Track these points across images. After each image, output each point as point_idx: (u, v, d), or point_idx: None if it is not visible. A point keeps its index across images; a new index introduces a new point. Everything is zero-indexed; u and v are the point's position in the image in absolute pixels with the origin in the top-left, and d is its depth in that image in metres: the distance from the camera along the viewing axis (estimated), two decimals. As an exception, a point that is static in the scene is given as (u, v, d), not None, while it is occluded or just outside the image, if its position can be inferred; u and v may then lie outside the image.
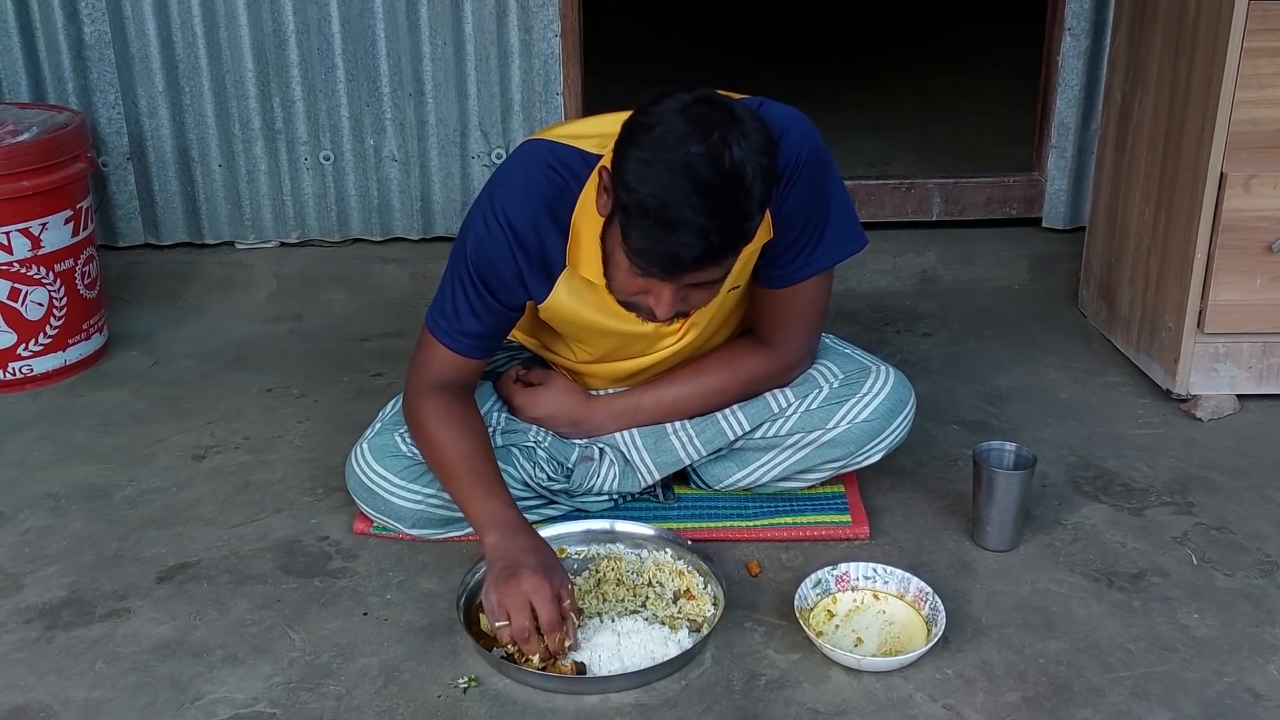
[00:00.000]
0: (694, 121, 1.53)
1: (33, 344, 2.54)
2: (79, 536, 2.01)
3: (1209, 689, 1.64)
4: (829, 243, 1.85)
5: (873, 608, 1.79)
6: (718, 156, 1.51)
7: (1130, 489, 2.13)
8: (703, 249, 1.54)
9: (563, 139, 1.80)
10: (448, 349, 1.86)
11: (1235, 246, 2.26)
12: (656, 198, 1.52)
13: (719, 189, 1.52)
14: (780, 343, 1.96)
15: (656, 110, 1.57)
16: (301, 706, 1.62)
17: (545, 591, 1.63)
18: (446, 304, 1.85)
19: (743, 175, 1.53)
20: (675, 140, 1.52)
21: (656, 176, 1.52)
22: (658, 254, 1.56)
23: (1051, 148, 3.16)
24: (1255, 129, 2.19)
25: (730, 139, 1.52)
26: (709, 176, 1.51)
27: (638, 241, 1.57)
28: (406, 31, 3.00)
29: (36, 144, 2.48)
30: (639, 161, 1.54)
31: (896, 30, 5.99)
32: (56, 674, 1.69)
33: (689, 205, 1.51)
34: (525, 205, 1.77)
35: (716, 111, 1.55)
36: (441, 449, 1.82)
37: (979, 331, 2.81)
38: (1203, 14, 2.23)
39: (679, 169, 1.51)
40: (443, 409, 1.85)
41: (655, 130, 1.54)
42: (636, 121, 1.58)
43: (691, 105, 1.55)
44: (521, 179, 1.79)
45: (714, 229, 1.53)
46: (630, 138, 1.57)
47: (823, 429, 1.97)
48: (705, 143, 1.51)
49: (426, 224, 3.19)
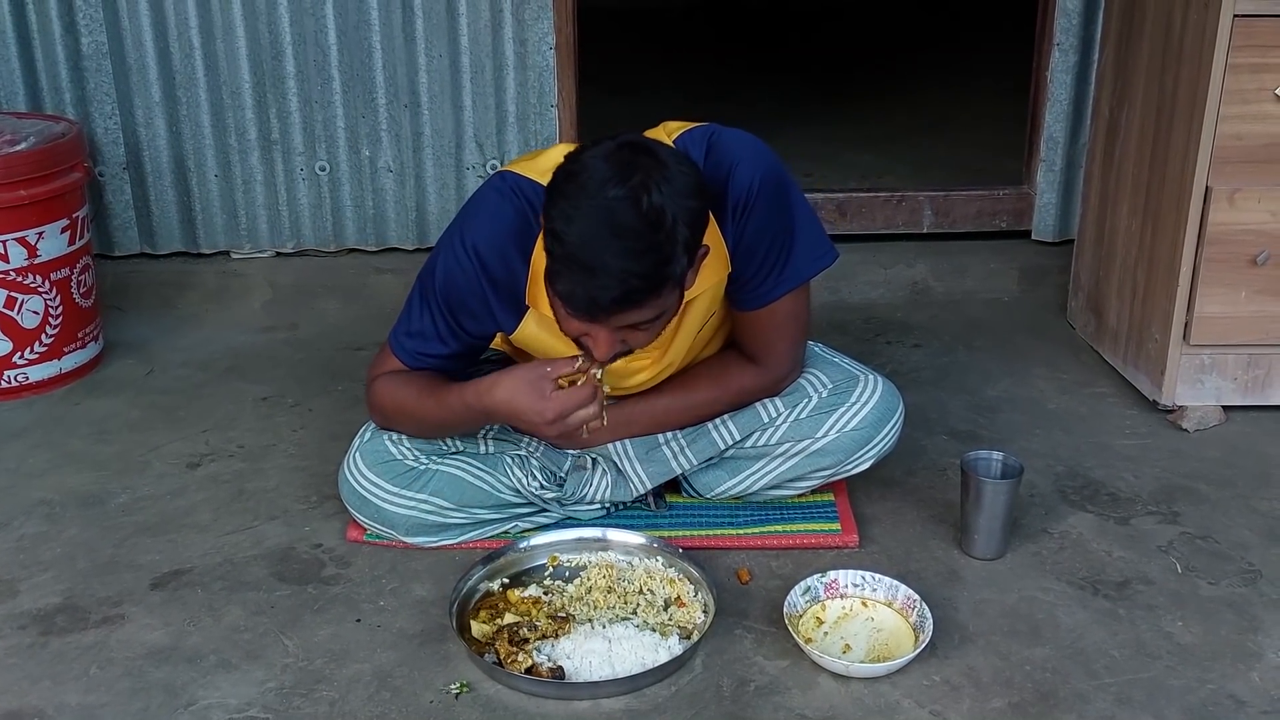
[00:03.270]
0: (616, 166, 1.56)
1: (28, 352, 2.56)
2: (74, 543, 2.03)
3: (1192, 695, 1.65)
4: (797, 260, 1.87)
5: (861, 615, 1.81)
6: (636, 199, 1.54)
7: (1116, 498, 2.15)
8: (620, 291, 1.57)
9: (530, 174, 1.82)
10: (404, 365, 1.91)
11: (1221, 259, 2.28)
12: (578, 243, 1.55)
13: (638, 232, 1.55)
14: (765, 359, 1.98)
15: (582, 158, 1.60)
16: (295, 712, 1.63)
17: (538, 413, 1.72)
18: (413, 325, 1.89)
19: (662, 218, 1.55)
20: (596, 185, 1.55)
21: (576, 222, 1.55)
22: (579, 297, 1.59)
23: (1041, 161, 3.19)
24: (1240, 143, 2.22)
25: (651, 183, 1.55)
26: (627, 220, 1.54)
27: (561, 285, 1.60)
28: (402, 43, 3.02)
29: (33, 153, 2.49)
30: (563, 208, 1.58)
31: (889, 45, 6.02)
32: (51, 679, 1.70)
33: (609, 250, 1.54)
34: (493, 238, 1.79)
35: (639, 156, 1.58)
36: (403, 400, 1.89)
37: (969, 342, 2.83)
38: (1188, 30, 2.26)
39: (598, 213, 1.54)
40: (391, 379, 1.92)
41: (579, 177, 1.58)
42: (564, 169, 1.61)
43: (615, 151, 1.58)
44: (491, 212, 1.81)
45: (635, 272, 1.56)
46: (557, 185, 1.61)
47: (812, 438, 1.99)
48: (624, 186, 1.54)
49: (421, 234, 3.20)
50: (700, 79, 5.26)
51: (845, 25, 6.47)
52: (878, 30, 6.33)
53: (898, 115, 4.56)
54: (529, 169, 1.83)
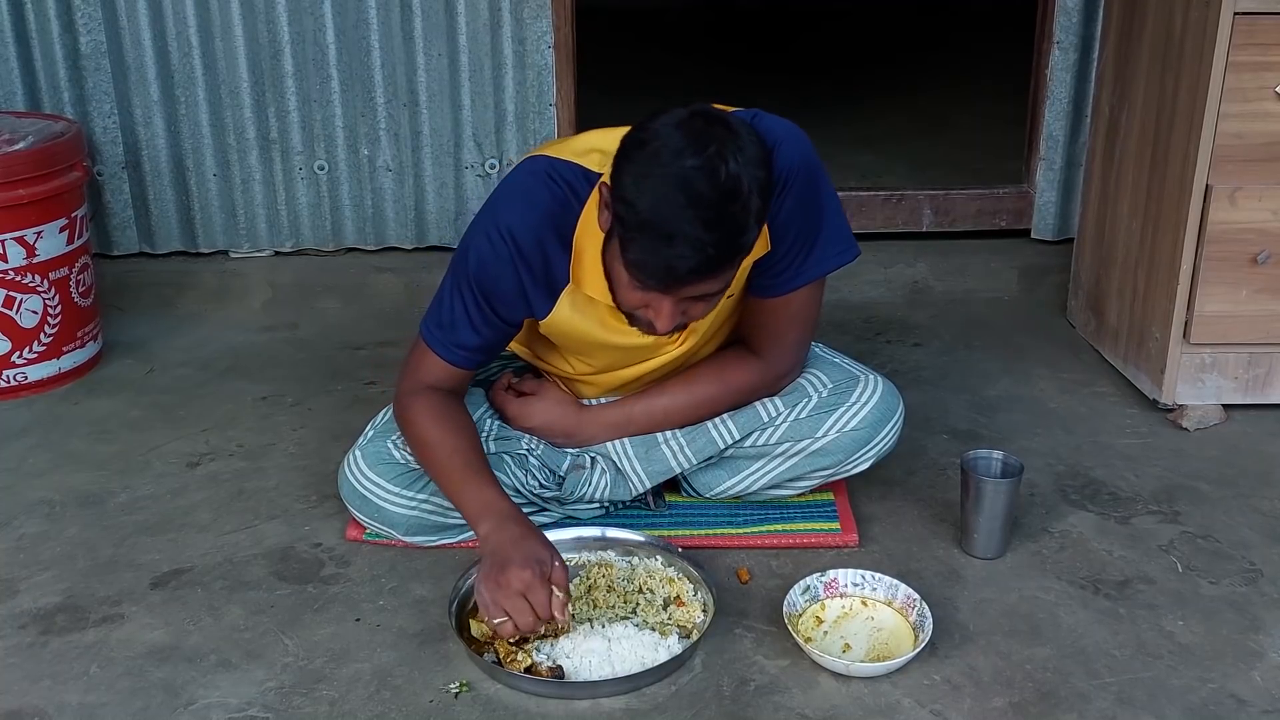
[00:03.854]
0: (690, 136, 1.55)
1: (27, 351, 2.55)
2: (74, 543, 2.02)
3: (1193, 695, 1.65)
4: (821, 252, 1.86)
5: (861, 614, 1.81)
6: (714, 169, 1.53)
7: (1117, 498, 2.15)
8: (699, 261, 1.56)
9: (564, 155, 1.81)
10: (442, 359, 1.87)
11: (1221, 258, 2.28)
12: (653, 211, 1.54)
13: (715, 202, 1.54)
14: (770, 351, 1.98)
15: (653, 126, 1.59)
16: (295, 711, 1.63)
17: (538, 586, 1.64)
18: (444, 315, 1.85)
19: (739, 188, 1.54)
20: (671, 154, 1.54)
21: (653, 190, 1.54)
22: (654, 266, 1.58)
23: (1041, 160, 3.18)
24: (1240, 142, 2.22)
25: (726, 152, 1.54)
26: (705, 189, 1.53)
27: (635, 255, 1.59)
28: (401, 42, 3.02)
29: (32, 153, 2.49)
30: (636, 176, 1.56)
31: (890, 44, 6.02)
32: (51, 679, 1.70)
33: (685, 218, 1.53)
34: (529, 221, 1.78)
35: (713, 126, 1.57)
36: (433, 446, 1.83)
37: (969, 342, 2.83)
38: (1189, 28, 2.26)
39: (675, 182, 1.53)
40: (433, 408, 1.86)
41: (651, 145, 1.56)
42: (634, 137, 1.60)
43: (688, 120, 1.57)
44: (525, 195, 1.80)
45: (710, 241, 1.55)
46: (627, 153, 1.59)
47: (812, 438, 1.99)
48: (701, 156, 1.53)
49: (420, 234, 3.20)
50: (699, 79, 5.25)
51: (844, 25, 6.47)
52: (877, 30, 6.32)
53: (897, 114, 4.56)
54: (562, 152, 1.82)
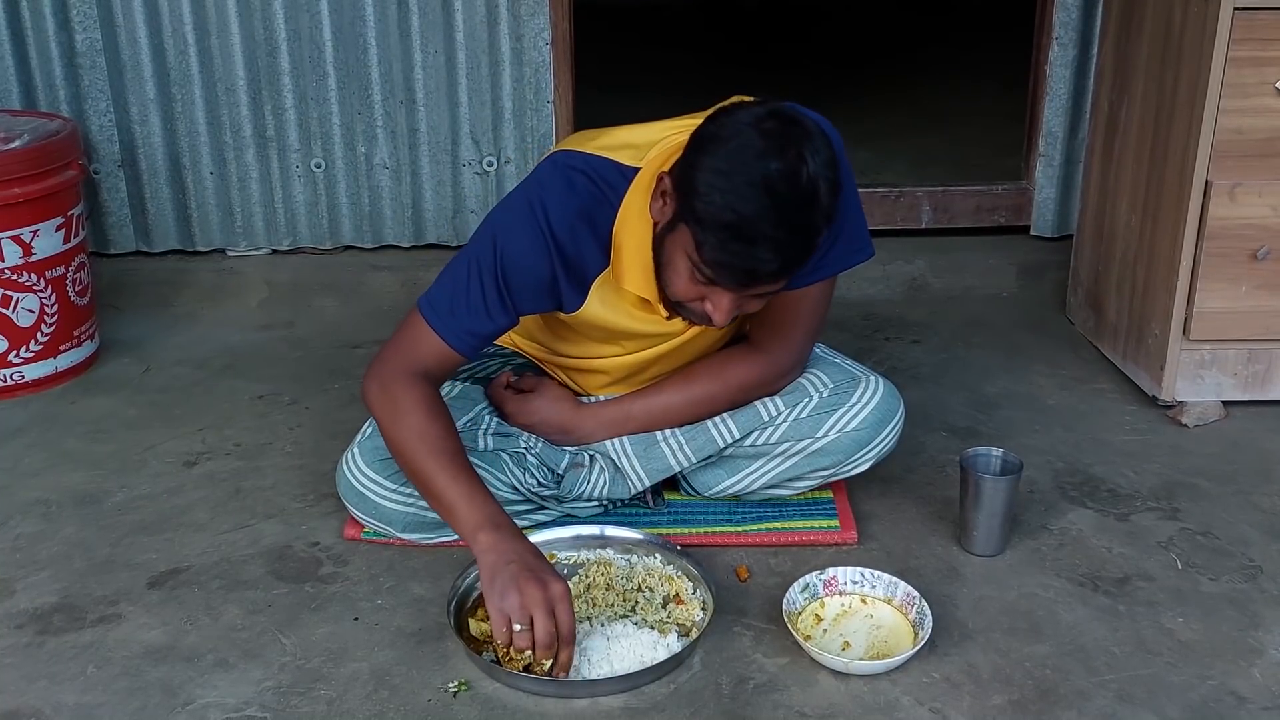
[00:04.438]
0: (770, 136, 1.55)
1: (24, 351, 2.55)
2: (70, 542, 2.02)
3: (1193, 692, 1.65)
4: (839, 250, 1.86)
5: (860, 612, 1.80)
6: (795, 172, 1.53)
7: (1116, 495, 2.14)
8: (780, 264, 1.57)
9: (597, 151, 1.80)
10: (444, 343, 1.80)
11: (1221, 254, 2.28)
12: (735, 211, 1.54)
13: (797, 205, 1.54)
14: (775, 347, 1.97)
15: (730, 122, 1.58)
16: (292, 711, 1.62)
17: (569, 600, 1.62)
18: (458, 300, 1.79)
19: (818, 191, 1.55)
20: (754, 154, 1.54)
21: (736, 190, 1.54)
22: (735, 267, 1.58)
23: (1040, 156, 3.18)
24: (1240, 138, 2.21)
25: (806, 155, 1.54)
26: (788, 193, 1.53)
27: (713, 254, 1.58)
28: (398, 39, 3.02)
29: (28, 151, 2.48)
30: (716, 173, 1.55)
31: (887, 41, 6.02)
32: (48, 679, 1.69)
33: (769, 220, 1.53)
34: (568, 214, 1.77)
35: (790, 126, 1.57)
36: (428, 441, 1.75)
37: (968, 339, 2.82)
38: (1188, 24, 2.25)
39: (758, 184, 1.53)
40: (428, 400, 1.79)
41: (731, 143, 1.56)
42: (709, 133, 1.59)
43: (766, 119, 1.57)
44: (563, 186, 1.77)
45: (789, 244, 1.56)
46: (704, 148, 1.58)
47: (812, 438, 1.98)
48: (783, 158, 1.53)
49: (418, 232, 3.20)
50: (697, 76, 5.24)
51: (843, 22, 6.46)
52: (875, 27, 6.32)
53: (896, 111, 4.55)
54: (596, 148, 1.81)
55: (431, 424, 1.77)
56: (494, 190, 3.13)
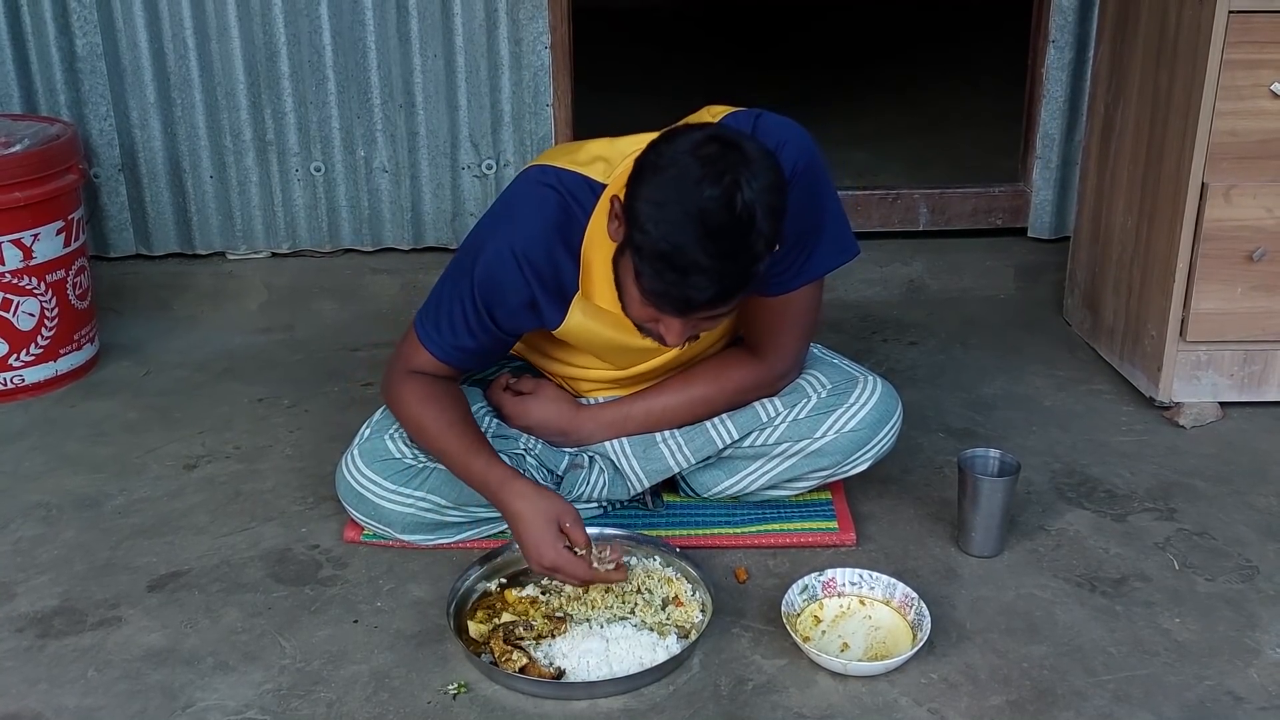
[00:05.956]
0: (706, 163, 1.54)
1: (24, 354, 2.55)
2: (70, 545, 2.02)
3: (1190, 692, 1.66)
4: (822, 252, 1.86)
5: (859, 613, 1.81)
6: (730, 200, 1.53)
7: (1113, 495, 2.15)
8: (715, 292, 1.57)
9: (568, 165, 1.81)
10: (435, 358, 1.87)
11: (1216, 256, 2.28)
12: (670, 241, 1.54)
13: (731, 232, 1.54)
14: (770, 351, 1.98)
15: (669, 150, 1.58)
16: (292, 713, 1.63)
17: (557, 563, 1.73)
18: (442, 318, 1.85)
19: (753, 217, 1.54)
20: (689, 183, 1.54)
21: (670, 220, 1.54)
22: (671, 296, 1.58)
23: (1036, 158, 3.19)
24: (1235, 140, 2.22)
25: (742, 180, 1.54)
26: (722, 220, 1.53)
27: (650, 283, 1.59)
28: (397, 43, 3.02)
29: (28, 155, 2.49)
30: (652, 204, 1.56)
31: (884, 42, 6.02)
32: (48, 682, 1.70)
33: (702, 250, 1.53)
34: (539, 235, 1.78)
35: (728, 151, 1.56)
36: (427, 424, 1.85)
37: (965, 340, 2.83)
38: (1183, 26, 2.26)
39: (692, 213, 1.53)
40: (423, 388, 1.87)
41: (669, 171, 1.56)
42: (649, 160, 1.60)
43: (703, 144, 1.57)
44: (533, 206, 1.80)
45: (726, 272, 1.56)
46: (643, 176, 1.59)
47: (810, 438, 1.99)
48: (718, 185, 1.53)
49: (417, 235, 3.20)
50: (695, 77, 5.25)
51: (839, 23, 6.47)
52: (872, 28, 6.32)
53: (893, 113, 4.56)
54: (569, 163, 1.82)
55: (425, 409, 1.86)
56: (493, 193, 3.14)
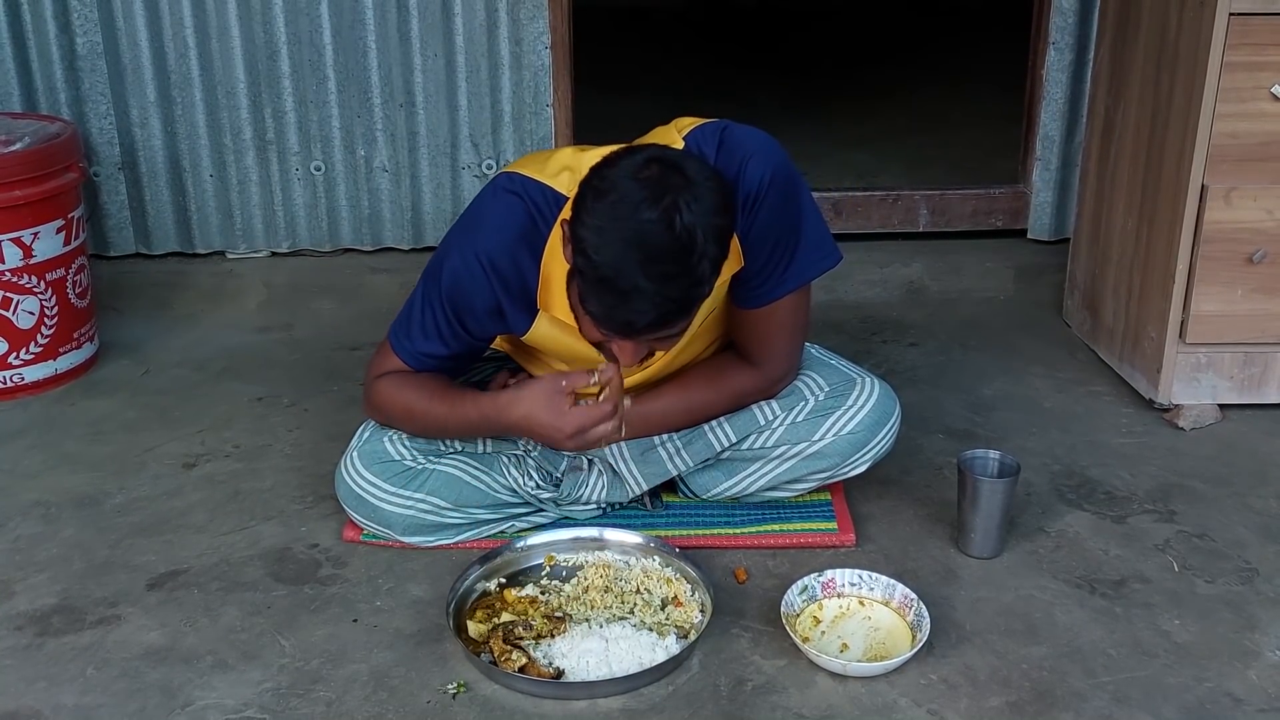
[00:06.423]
0: (645, 185, 1.54)
1: (24, 353, 2.55)
2: (69, 544, 2.02)
3: (1189, 694, 1.66)
4: (801, 261, 1.86)
5: (858, 614, 1.81)
6: (669, 223, 1.53)
7: (1113, 497, 2.15)
8: (656, 315, 1.57)
9: (536, 175, 1.82)
10: (406, 365, 1.91)
11: (1216, 258, 2.28)
12: (610, 266, 1.54)
13: (671, 256, 1.54)
14: (763, 358, 1.97)
15: (611, 174, 1.58)
16: (291, 712, 1.63)
17: (565, 432, 1.76)
18: (414, 326, 1.88)
19: (694, 239, 1.54)
20: (628, 207, 1.54)
21: (609, 245, 1.54)
22: (614, 320, 1.59)
23: (1036, 160, 3.19)
24: (1235, 142, 2.22)
25: (681, 202, 1.53)
26: (661, 243, 1.53)
27: (593, 307, 1.60)
28: (398, 43, 3.02)
29: (28, 154, 2.49)
30: (593, 230, 1.56)
31: (884, 44, 6.03)
32: (47, 680, 1.70)
33: (641, 274, 1.53)
34: (504, 242, 1.79)
35: (669, 174, 1.56)
36: (413, 405, 1.89)
37: (965, 341, 2.83)
38: (1184, 29, 2.26)
39: (631, 237, 1.53)
40: (395, 379, 1.91)
41: (609, 196, 1.56)
42: (591, 185, 1.60)
43: (643, 168, 1.57)
44: (501, 214, 1.81)
45: (667, 294, 1.56)
46: (584, 202, 1.59)
47: (809, 441, 1.99)
48: (657, 208, 1.53)
49: (417, 234, 3.20)
50: (695, 78, 5.26)
51: (839, 24, 6.47)
52: (872, 29, 6.33)
53: (893, 114, 4.56)
54: (536, 172, 1.82)
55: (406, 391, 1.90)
56: (493, 193, 3.14)
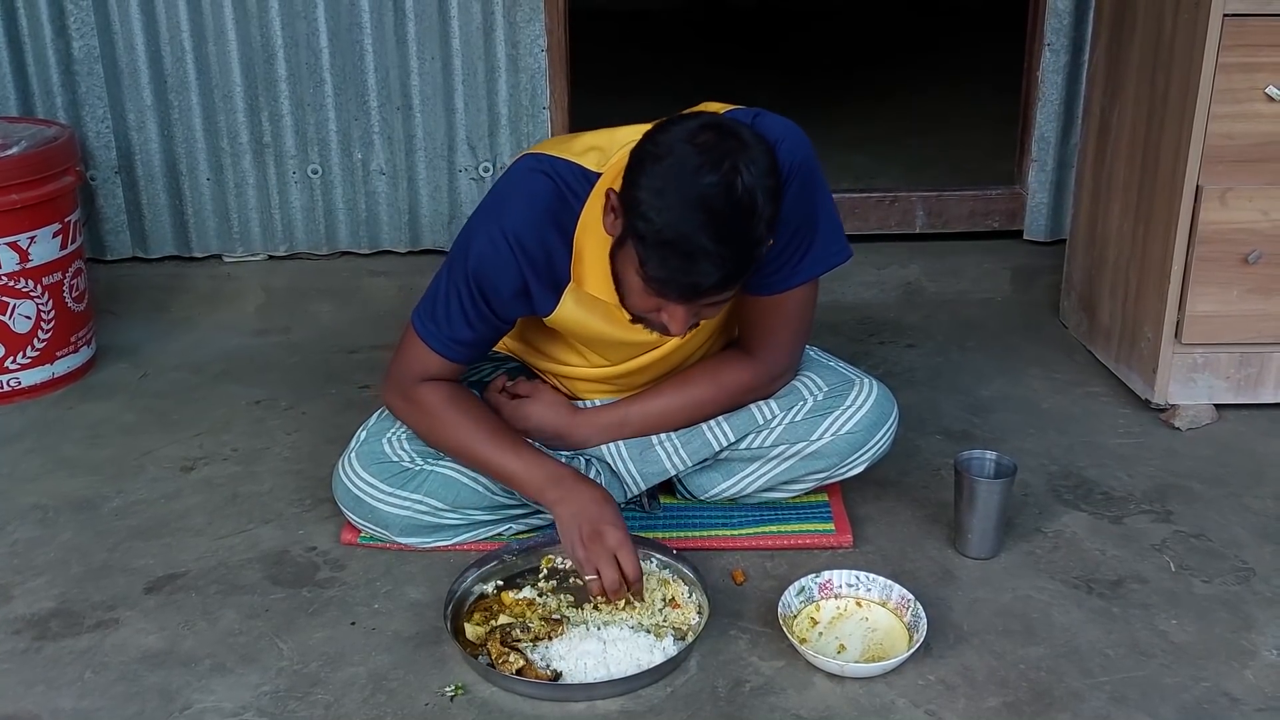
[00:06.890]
0: (704, 150, 1.56)
1: (21, 357, 2.55)
2: (67, 548, 2.02)
3: (1186, 694, 1.66)
4: (816, 252, 1.87)
5: (856, 615, 1.81)
6: (730, 185, 1.55)
7: (1110, 497, 2.15)
8: (720, 276, 1.58)
9: (562, 154, 1.82)
10: (436, 353, 1.88)
11: (1212, 258, 2.29)
12: (674, 229, 1.55)
13: (733, 217, 1.56)
14: (765, 351, 1.98)
15: (665, 139, 1.60)
16: (290, 715, 1.63)
17: (629, 545, 1.76)
18: (439, 311, 1.85)
19: (754, 201, 1.56)
20: (688, 171, 1.55)
21: (672, 208, 1.55)
22: (677, 282, 1.60)
23: (1033, 161, 3.19)
24: (1231, 143, 2.23)
25: (740, 166, 1.55)
26: (723, 206, 1.55)
27: (655, 271, 1.60)
28: (394, 46, 3.02)
29: (25, 158, 2.49)
30: (653, 192, 1.57)
31: (881, 45, 6.03)
32: (45, 684, 1.70)
33: (706, 235, 1.55)
34: (531, 219, 1.79)
35: (725, 139, 1.58)
36: (463, 425, 1.88)
37: (962, 342, 2.83)
38: (1179, 29, 2.27)
39: (694, 200, 1.55)
40: (446, 391, 1.90)
41: (667, 160, 1.57)
42: (646, 150, 1.61)
43: (699, 133, 1.58)
44: (526, 192, 1.80)
45: (730, 256, 1.57)
46: (641, 167, 1.60)
47: (807, 441, 1.99)
48: (718, 172, 1.55)
49: (414, 237, 3.20)
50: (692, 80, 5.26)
51: (839, 25, 6.48)
52: (872, 30, 6.33)
53: (890, 116, 4.57)
54: (562, 151, 1.83)
55: (463, 414, 1.89)
56: (490, 196, 3.14)
